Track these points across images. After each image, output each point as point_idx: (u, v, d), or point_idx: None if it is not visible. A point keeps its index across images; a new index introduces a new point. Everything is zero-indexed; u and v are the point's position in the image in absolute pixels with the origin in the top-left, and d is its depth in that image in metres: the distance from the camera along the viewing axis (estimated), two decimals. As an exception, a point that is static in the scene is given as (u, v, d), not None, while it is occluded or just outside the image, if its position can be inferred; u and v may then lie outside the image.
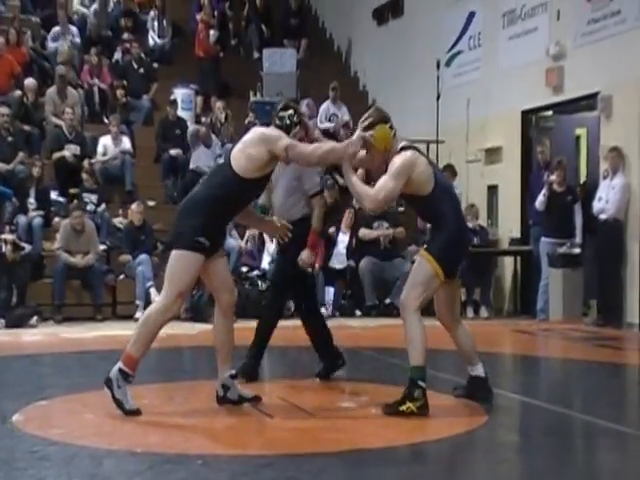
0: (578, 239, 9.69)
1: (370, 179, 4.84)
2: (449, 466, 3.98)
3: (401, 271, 10.32)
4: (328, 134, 12.26)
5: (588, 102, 10.08)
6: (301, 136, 4.91)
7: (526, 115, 11.01)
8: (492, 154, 11.46)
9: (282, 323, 6.01)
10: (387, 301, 10.36)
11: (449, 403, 5.04)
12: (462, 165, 11.51)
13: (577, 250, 9.69)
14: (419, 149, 4.89)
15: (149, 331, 4.62)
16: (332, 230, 10.61)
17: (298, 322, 9.92)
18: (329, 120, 12.64)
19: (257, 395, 4.95)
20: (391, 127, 4.81)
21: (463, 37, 12.30)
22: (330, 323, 9.57)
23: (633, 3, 9.15)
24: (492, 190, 11.47)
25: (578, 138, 11.52)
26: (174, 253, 4.62)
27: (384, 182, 4.67)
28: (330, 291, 10.25)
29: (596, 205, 9.27)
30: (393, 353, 7.21)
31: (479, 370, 4.99)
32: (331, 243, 10.56)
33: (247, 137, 4.71)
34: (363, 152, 4.81)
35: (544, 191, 9.78)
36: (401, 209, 11.78)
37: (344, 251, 10.56)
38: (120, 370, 4.57)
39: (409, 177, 4.67)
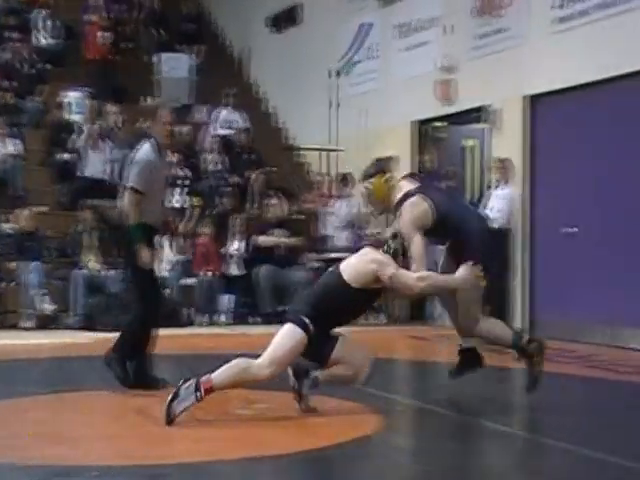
0: (469, 247, 9.96)
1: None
2: (344, 471, 4.03)
3: (298, 278, 10.38)
4: (226, 141, 12.25)
5: (478, 114, 10.40)
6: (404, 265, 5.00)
7: (419, 126, 11.28)
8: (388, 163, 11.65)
9: (174, 331, 5.96)
10: (284, 308, 10.37)
11: (346, 408, 5.11)
12: (358, 173, 11.64)
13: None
14: (425, 188, 5.20)
15: (235, 380, 4.75)
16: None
17: (192, 330, 9.86)
18: (226, 127, 12.59)
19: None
20: (388, 179, 5.20)
21: (358, 47, 12.49)
22: (227, 330, 9.66)
23: (520, 20, 9.50)
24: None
25: (468, 149, 11.86)
26: (287, 327, 4.79)
27: (413, 248, 4.96)
28: (228, 298, 10.21)
29: (485, 214, 9.56)
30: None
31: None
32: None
33: (360, 253, 4.98)
34: None
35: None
36: (302, 217, 11.86)
37: (238, 258, 10.52)
38: (197, 385, 4.61)
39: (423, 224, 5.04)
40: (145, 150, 5.72)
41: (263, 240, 10.53)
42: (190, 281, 10.27)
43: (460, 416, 5.07)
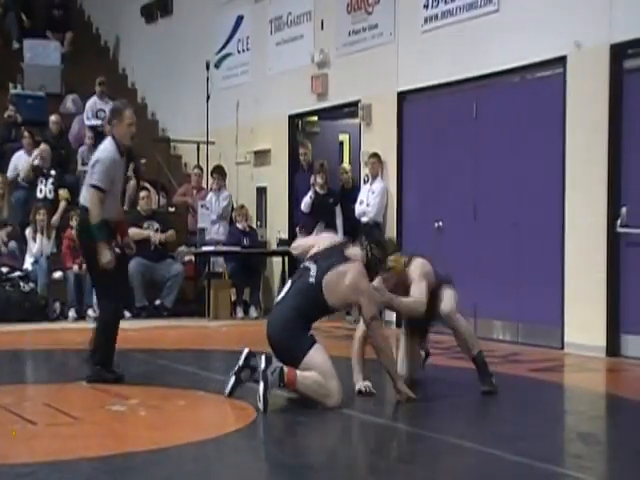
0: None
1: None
2: (217, 465, 4.04)
3: (171, 272, 10.26)
4: (96, 131, 11.95)
5: (350, 109, 10.56)
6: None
7: (293, 120, 11.36)
8: (261, 157, 11.70)
9: (43, 326, 5.81)
10: (157, 302, 10.25)
11: (219, 403, 5.11)
12: (232, 167, 11.65)
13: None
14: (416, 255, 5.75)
15: (310, 394, 4.94)
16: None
17: (62, 325, 9.60)
18: (96, 116, 12.29)
19: None
20: (402, 257, 5.59)
21: (232, 40, 12.45)
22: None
23: (389, 18, 9.70)
24: (261, 192, 11.72)
25: (342, 143, 12.04)
26: (304, 362, 4.91)
27: (420, 287, 5.49)
28: (98, 293, 9.96)
29: (358, 208, 9.73)
30: (162, 354, 7.18)
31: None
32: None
33: (349, 273, 5.02)
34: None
35: (310, 193, 10.10)
36: (173, 210, 11.72)
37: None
38: (282, 371, 4.84)
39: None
40: (107, 148, 5.80)
41: (133, 233, 10.31)
42: (58, 275, 9.99)
43: (332, 408, 5.15)
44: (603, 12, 7.33)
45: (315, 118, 11.57)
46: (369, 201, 9.63)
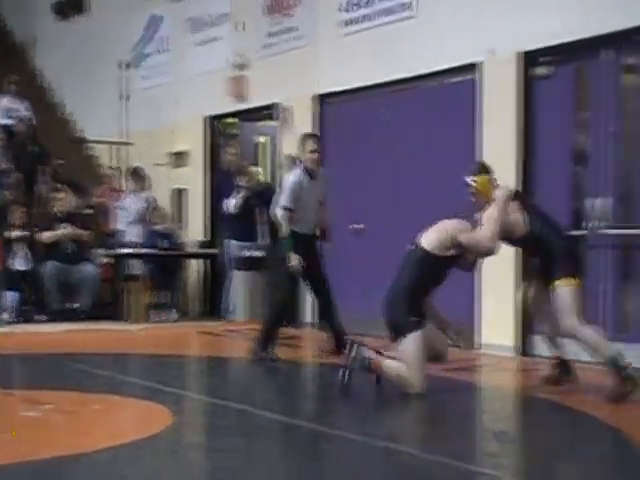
0: (260, 242, 10.09)
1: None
2: (134, 470, 3.99)
3: (87, 275, 10.07)
4: (8, 131, 11.64)
5: (269, 112, 10.56)
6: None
7: (212, 121, 11.29)
8: (180, 158, 11.60)
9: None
10: (73, 305, 10.06)
11: (135, 407, 5.05)
12: (150, 168, 11.51)
13: (260, 253, 10.11)
14: (517, 192, 5.94)
15: (394, 380, 5.38)
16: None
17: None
18: (8, 116, 11.98)
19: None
20: (491, 179, 5.76)
21: (151, 40, 12.31)
22: (11, 329, 9.21)
23: (308, 21, 9.76)
24: (179, 193, 11.61)
25: (257, 145, 12.02)
26: (402, 343, 5.34)
27: (490, 219, 5.55)
28: (12, 295, 9.71)
29: (273, 209, 9.66)
30: (78, 358, 7.06)
31: None
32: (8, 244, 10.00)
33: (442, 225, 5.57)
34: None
35: (241, 194, 9.97)
36: (90, 211, 11.50)
37: (23, 253, 10.02)
38: (369, 360, 5.33)
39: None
40: (294, 174, 7.20)
41: (47, 237, 10.10)
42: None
43: (250, 409, 5.15)
44: (516, 21, 7.53)
45: (233, 120, 11.53)
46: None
